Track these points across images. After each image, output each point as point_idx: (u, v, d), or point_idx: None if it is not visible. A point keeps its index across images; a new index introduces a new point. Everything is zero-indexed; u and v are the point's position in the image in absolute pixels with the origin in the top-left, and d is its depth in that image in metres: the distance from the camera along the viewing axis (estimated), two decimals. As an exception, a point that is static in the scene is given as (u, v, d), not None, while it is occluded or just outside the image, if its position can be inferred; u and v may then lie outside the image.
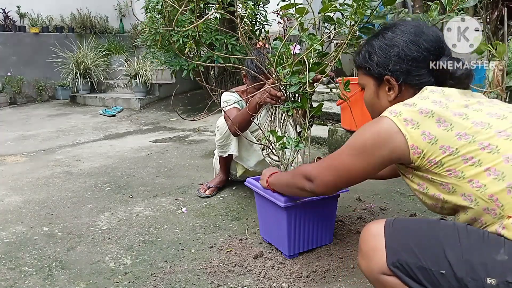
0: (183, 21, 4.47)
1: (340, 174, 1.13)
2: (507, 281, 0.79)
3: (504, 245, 0.84)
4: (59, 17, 7.66)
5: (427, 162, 0.96)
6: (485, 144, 0.91)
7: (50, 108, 6.44)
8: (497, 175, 0.88)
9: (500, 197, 0.88)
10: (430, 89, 1.05)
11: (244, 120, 1.92)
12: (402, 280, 0.91)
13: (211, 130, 4.24)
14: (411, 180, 1.06)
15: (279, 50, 1.52)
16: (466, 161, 0.92)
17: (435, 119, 0.96)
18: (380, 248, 0.95)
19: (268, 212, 1.64)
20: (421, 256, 0.89)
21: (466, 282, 0.82)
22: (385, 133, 1.00)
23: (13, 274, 1.57)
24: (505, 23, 1.99)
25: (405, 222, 1.01)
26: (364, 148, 1.04)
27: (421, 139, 0.96)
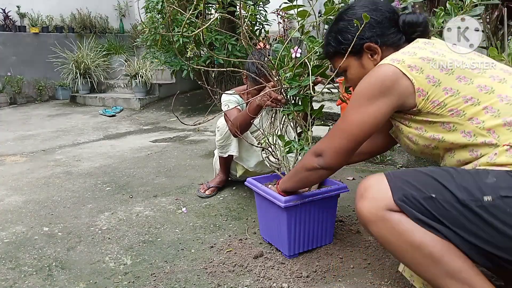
0: (183, 21, 4.47)
1: (351, 133, 1.15)
2: (500, 195, 0.91)
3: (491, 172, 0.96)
4: (59, 17, 7.66)
5: (430, 104, 1.06)
6: (482, 85, 1.04)
7: (50, 108, 6.44)
8: (494, 112, 1.02)
9: (496, 130, 1.01)
10: (423, 41, 1.16)
11: (244, 122, 1.92)
12: (409, 213, 0.97)
13: (211, 130, 4.24)
14: (407, 125, 1.14)
15: (280, 53, 1.52)
16: (467, 101, 1.04)
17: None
18: (384, 189, 1.01)
19: (268, 212, 1.65)
20: (424, 189, 0.97)
21: (468, 202, 0.93)
22: (392, 78, 1.07)
23: (13, 274, 1.58)
24: (505, 23, 1.99)
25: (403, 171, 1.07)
26: (370, 95, 1.09)
27: (426, 82, 1.05)
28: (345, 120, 1.17)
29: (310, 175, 1.32)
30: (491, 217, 0.91)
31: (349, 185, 1.90)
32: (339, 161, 1.22)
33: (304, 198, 1.51)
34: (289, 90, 1.55)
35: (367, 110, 1.11)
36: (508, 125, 1.01)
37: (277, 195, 1.51)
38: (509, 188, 0.92)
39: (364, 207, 1.03)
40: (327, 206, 1.61)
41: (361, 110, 1.11)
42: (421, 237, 0.96)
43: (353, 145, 1.17)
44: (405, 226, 0.97)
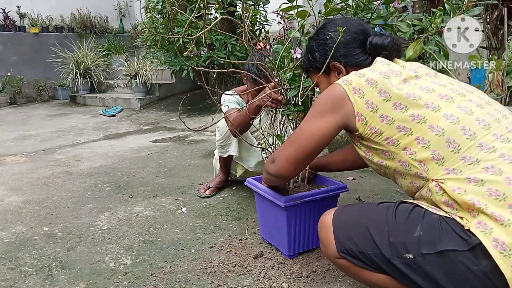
0: (183, 21, 4.47)
1: (300, 143, 1.19)
2: (421, 253, 0.96)
3: (422, 220, 1.00)
4: (59, 17, 7.66)
5: (368, 130, 1.10)
6: (415, 114, 1.04)
7: (50, 108, 6.44)
8: (424, 143, 1.02)
9: (426, 162, 1.02)
10: (380, 60, 1.18)
11: (244, 122, 1.92)
12: (351, 262, 1.10)
13: (211, 130, 4.24)
14: (359, 147, 1.19)
15: (281, 54, 1.52)
16: (400, 130, 1.05)
17: (378, 90, 1.08)
18: (331, 238, 1.14)
19: (268, 212, 1.65)
20: (359, 243, 1.07)
21: (392, 260, 1.01)
22: (339, 98, 1.12)
23: (13, 274, 1.58)
24: (505, 23, 1.99)
25: (347, 213, 1.17)
26: (322, 110, 1.16)
27: (365, 108, 1.09)
28: (298, 130, 1.22)
29: (268, 178, 1.41)
30: (412, 272, 0.98)
31: (349, 185, 1.90)
32: (287, 170, 1.25)
33: (304, 198, 1.51)
34: (289, 90, 1.55)
35: (316, 123, 1.16)
36: (436, 158, 1.00)
37: (277, 195, 1.51)
38: (430, 244, 0.95)
39: (322, 252, 1.20)
40: (327, 206, 1.60)
41: (312, 122, 1.17)
42: (370, 278, 1.09)
43: (302, 156, 1.20)
44: (353, 270, 1.11)
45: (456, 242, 0.92)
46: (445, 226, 0.95)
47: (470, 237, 0.91)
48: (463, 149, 0.98)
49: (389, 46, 1.20)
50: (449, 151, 0.99)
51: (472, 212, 0.93)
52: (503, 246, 0.86)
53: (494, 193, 0.91)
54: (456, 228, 0.94)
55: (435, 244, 0.95)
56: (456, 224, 0.94)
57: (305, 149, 1.19)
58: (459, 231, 0.93)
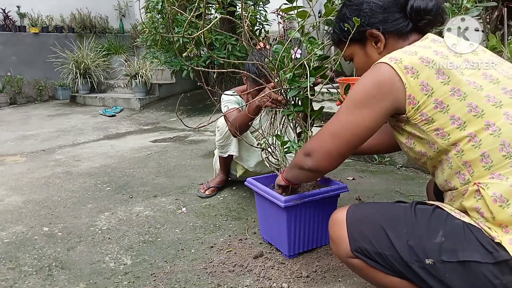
0: (183, 21, 4.47)
1: (342, 137, 1.07)
2: (442, 260, 0.91)
3: (444, 225, 0.94)
4: (59, 17, 7.66)
5: (419, 116, 0.98)
6: (474, 105, 0.92)
7: (50, 108, 6.44)
8: (476, 141, 0.92)
9: (473, 164, 0.93)
10: (432, 38, 1.06)
11: (244, 122, 1.92)
12: (365, 262, 1.05)
13: (211, 130, 4.24)
14: (400, 133, 1.07)
15: (280, 55, 1.52)
16: (453, 122, 0.94)
17: (435, 70, 0.96)
18: (344, 237, 1.07)
19: (268, 212, 1.65)
20: (375, 243, 1.01)
21: (410, 264, 0.96)
22: (388, 81, 0.98)
23: (13, 274, 1.58)
24: (505, 23, 1.99)
25: (363, 211, 1.10)
26: (366, 100, 1.02)
27: (419, 90, 0.96)
28: (338, 123, 1.09)
29: (300, 174, 1.27)
30: (430, 278, 0.94)
31: (349, 185, 1.90)
32: (327, 164, 1.13)
33: (304, 198, 1.51)
34: (289, 91, 1.55)
35: (361, 114, 1.03)
36: (485, 162, 0.91)
37: (277, 195, 1.51)
38: (452, 252, 0.90)
39: (333, 250, 1.14)
40: (327, 206, 1.61)
41: (355, 112, 1.04)
42: (383, 280, 1.05)
43: (345, 149, 1.09)
44: (366, 270, 1.06)
45: (479, 253, 0.87)
46: (469, 234, 0.90)
47: (497, 251, 0.86)
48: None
49: (433, 10, 1.07)
50: (501, 155, 0.89)
51: (505, 228, 0.88)
52: None
53: None
54: (482, 238, 0.88)
55: (457, 252, 0.90)
56: (481, 233, 0.89)
57: (349, 143, 1.07)
58: (485, 242, 0.88)
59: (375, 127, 1.05)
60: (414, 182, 2.46)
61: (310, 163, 1.15)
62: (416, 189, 2.34)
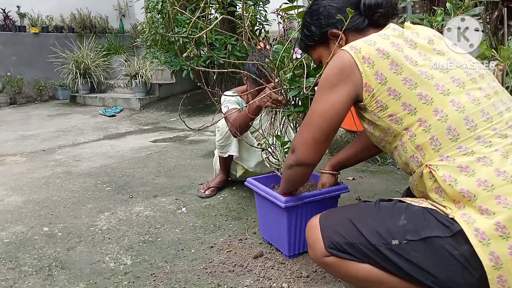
0: (183, 21, 4.47)
1: (315, 123, 1.14)
2: (406, 240, 1.00)
3: (405, 211, 1.03)
4: (59, 17, 7.66)
5: (374, 103, 1.07)
6: (423, 94, 1.02)
7: (50, 108, 6.44)
8: (426, 126, 1.02)
9: (424, 147, 1.03)
10: (393, 27, 1.14)
11: (244, 122, 1.92)
12: (338, 256, 1.11)
13: (211, 130, 4.24)
14: (362, 120, 1.16)
15: (281, 55, 1.51)
16: (405, 108, 1.03)
17: (389, 61, 1.04)
18: (318, 237, 1.14)
19: (268, 212, 1.64)
20: (345, 235, 1.09)
21: (378, 247, 1.03)
22: (348, 67, 1.07)
23: (13, 274, 1.57)
24: (505, 23, 1.99)
25: (333, 212, 1.20)
26: (331, 82, 1.10)
27: (374, 79, 1.05)
28: (310, 111, 1.17)
29: (292, 174, 1.31)
30: (398, 258, 1.01)
31: (350, 185, 1.90)
32: (310, 155, 1.19)
33: (305, 198, 1.51)
34: (289, 91, 1.55)
35: (327, 99, 1.11)
36: (434, 144, 1.01)
37: (277, 195, 1.51)
38: (414, 232, 0.99)
39: (311, 255, 1.20)
40: (327, 207, 1.60)
41: (323, 99, 1.12)
42: (356, 271, 1.10)
43: (321, 135, 1.15)
44: (341, 265, 1.12)
45: (439, 229, 0.97)
46: (428, 215, 1.00)
47: (452, 224, 0.95)
48: (461, 139, 1.00)
49: (384, 4, 1.16)
50: (448, 138, 1.00)
51: (457, 204, 0.97)
52: (482, 236, 0.91)
53: (483, 183, 0.95)
54: (439, 216, 0.98)
55: (418, 231, 0.99)
56: (438, 213, 0.99)
57: (321, 128, 1.14)
58: (442, 219, 0.97)
59: (341, 111, 1.12)
60: (414, 182, 2.46)
61: (294, 157, 1.22)
62: (416, 189, 2.33)
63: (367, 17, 1.18)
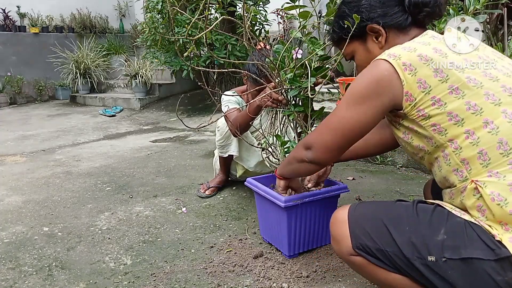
0: (183, 21, 4.47)
1: (341, 131, 1.09)
2: (444, 257, 0.92)
3: (446, 223, 0.95)
4: (59, 17, 7.65)
5: (416, 112, 0.99)
6: (472, 103, 0.93)
7: (50, 108, 6.44)
8: (474, 139, 0.93)
9: (470, 161, 0.94)
10: (431, 34, 1.06)
11: (244, 122, 1.92)
12: (366, 259, 1.05)
13: (211, 130, 4.24)
14: (397, 128, 1.09)
15: (281, 55, 1.51)
16: (451, 118, 0.95)
17: (433, 68, 0.96)
18: (346, 234, 1.08)
19: (268, 212, 1.65)
20: (377, 240, 1.02)
21: (412, 261, 0.96)
22: (386, 77, 0.99)
23: (13, 274, 1.57)
24: (505, 23, 1.99)
25: (365, 209, 1.11)
26: (365, 96, 1.03)
27: (416, 87, 0.97)
28: (337, 117, 1.11)
29: (299, 167, 1.28)
30: (432, 275, 0.94)
31: (350, 185, 1.90)
32: (327, 157, 1.15)
33: (304, 198, 1.51)
34: (290, 91, 1.55)
35: (359, 109, 1.04)
36: (482, 159, 0.92)
37: (278, 195, 1.51)
38: (454, 249, 0.92)
39: (334, 249, 1.14)
40: (327, 206, 1.61)
41: (354, 108, 1.05)
42: (385, 277, 1.04)
43: (343, 143, 1.12)
44: (368, 268, 1.06)
45: (481, 250, 0.89)
46: (471, 232, 0.91)
47: (499, 248, 0.87)
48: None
49: (431, 2, 1.08)
50: (498, 153, 0.91)
51: (505, 226, 0.89)
52: None
53: None
54: (483, 235, 0.90)
55: (459, 250, 0.91)
56: (482, 231, 0.90)
57: (347, 137, 1.09)
58: (486, 239, 0.89)
59: (372, 123, 1.06)
60: (414, 182, 2.46)
61: (310, 155, 1.17)
62: (416, 189, 2.33)
63: (411, 14, 1.10)
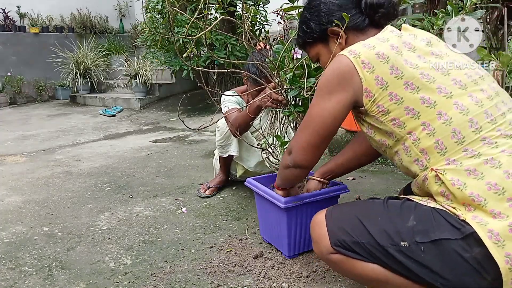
0: (183, 21, 4.47)
1: (313, 127, 1.14)
2: (416, 241, 0.98)
3: (414, 211, 1.02)
4: (59, 17, 7.65)
5: (376, 108, 1.05)
6: (426, 97, 1.00)
7: (50, 108, 6.44)
8: (430, 130, 1.00)
9: (429, 151, 1.01)
10: (391, 29, 1.12)
11: (244, 122, 1.92)
12: (344, 254, 1.09)
13: (211, 130, 4.24)
14: (361, 123, 1.15)
15: (281, 55, 1.51)
16: (408, 112, 1.01)
17: (389, 65, 1.02)
18: (324, 234, 1.13)
19: (268, 213, 1.64)
20: (352, 233, 1.07)
21: (387, 248, 1.01)
22: (347, 72, 1.05)
23: (13, 274, 1.58)
24: (505, 23, 1.99)
25: (340, 209, 1.18)
26: (329, 89, 1.09)
27: (374, 84, 1.03)
28: (308, 115, 1.16)
29: (287, 174, 1.32)
30: (407, 259, 0.99)
31: (350, 185, 1.90)
32: (307, 158, 1.19)
33: (305, 198, 1.51)
34: (290, 91, 1.55)
35: (326, 104, 1.10)
36: (439, 148, 0.99)
37: (277, 196, 1.51)
38: (424, 233, 0.98)
39: (316, 251, 1.18)
40: (327, 207, 1.60)
41: (321, 103, 1.11)
42: (363, 270, 1.08)
43: (317, 141, 1.16)
44: (347, 264, 1.10)
45: (449, 231, 0.95)
46: (438, 216, 0.98)
47: (464, 226, 0.93)
48: (467, 142, 0.98)
49: (386, 4, 1.14)
50: (453, 141, 0.99)
51: (467, 207, 0.95)
52: (497, 237, 0.89)
53: (493, 187, 0.93)
54: (449, 218, 0.97)
55: (428, 233, 0.97)
56: (448, 214, 0.97)
57: (317, 133, 1.14)
58: (452, 221, 0.96)
59: (339, 117, 1.11)
60: (414, 182, 2.46)
61: (291, 159, 1.23)
62: (416, 189, 2.33)
63: (368, 16, 1.17)
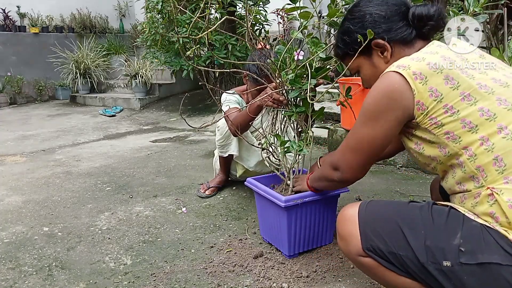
0: (183, 21, 4.47)
1: (362, 150, 1.10)
2: (460, 263, 0.89)
3: (462, 227, 0.92)
4: (59, 17, 7.65)
5: (428, 120, 0.98)
6: (485, 109, 0.93)
7: (50, 108, 6.44)
8: (488, 145, 0.92)
9: (486, 168, 0.92)
10: (438, 44, 1.07)
11: (244, 122, 1.92)
12: (376, 261, 1.02)
13: (211, 130, 4.24)
14: (409, 138, 1.08)
15: (282, 55, 1.51)
16: (464, 126, 0.94)
17: (443, 75, 0.96)
18: (355, 234, 1.05)
19: (268, 212, 1.64)
20: (390, 243, 0.99)
21: (426, 265, 0.93)
22: (397, 90, 0.99)
23: (13, 274, 1.57)
24: (505, 23, 1.99)
25: (376, 207, 1.08)
26: (378, 112, 1.03)
27: (428, 96, 0.96)
28: (355, 137, 1.12)
29: (330, 185, 1.39)
30: (446, 280, 0.92)
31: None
32: (355, 175, 1.18)
33: (304, 198, 1.51)
34: (291, 91, 1.55)
35: (375, 126, 1.04)
36: (498, 165, 0.91)
37: (277, 195, 1.51)
38: (471, 254, 0.89)
39: (341, 248, 1.12)
40: (327, 206, 1.61)
41: (370, 125, 1.05)
42: (394, 280, 1.02)
43: (367, 160, 1.13)
44: (376, 270, 1.04)
45: (499, 255, 0.87)
46: (488, 236, 0.89)
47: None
48: None
49: (435, 16, 1.07)
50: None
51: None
52: None
53: None
54: (500, 240, 0.88)
55: (476, 254, 0.89)
56: (499, 235, 0.89)
57: (368, 155, 1.11)
58: (504, 244, 0.87)
59: (391, 137, 1.06)
60: (414, 182, 2.46)
61: (339, 176, 1.21)
62: (416, 189, 2.33)
63: (415, 28, 1.10)
